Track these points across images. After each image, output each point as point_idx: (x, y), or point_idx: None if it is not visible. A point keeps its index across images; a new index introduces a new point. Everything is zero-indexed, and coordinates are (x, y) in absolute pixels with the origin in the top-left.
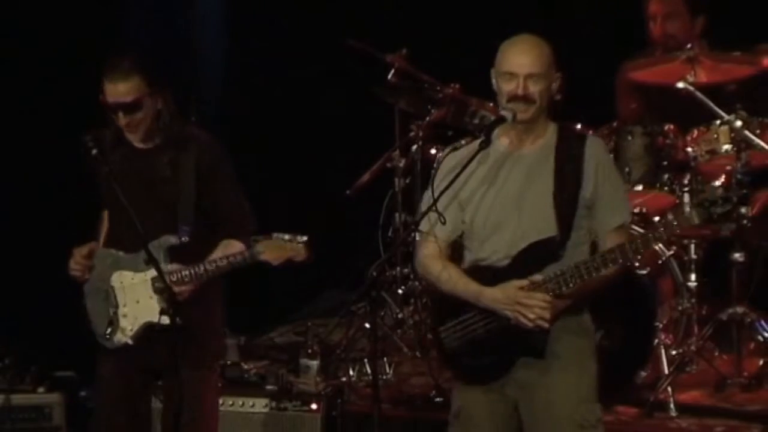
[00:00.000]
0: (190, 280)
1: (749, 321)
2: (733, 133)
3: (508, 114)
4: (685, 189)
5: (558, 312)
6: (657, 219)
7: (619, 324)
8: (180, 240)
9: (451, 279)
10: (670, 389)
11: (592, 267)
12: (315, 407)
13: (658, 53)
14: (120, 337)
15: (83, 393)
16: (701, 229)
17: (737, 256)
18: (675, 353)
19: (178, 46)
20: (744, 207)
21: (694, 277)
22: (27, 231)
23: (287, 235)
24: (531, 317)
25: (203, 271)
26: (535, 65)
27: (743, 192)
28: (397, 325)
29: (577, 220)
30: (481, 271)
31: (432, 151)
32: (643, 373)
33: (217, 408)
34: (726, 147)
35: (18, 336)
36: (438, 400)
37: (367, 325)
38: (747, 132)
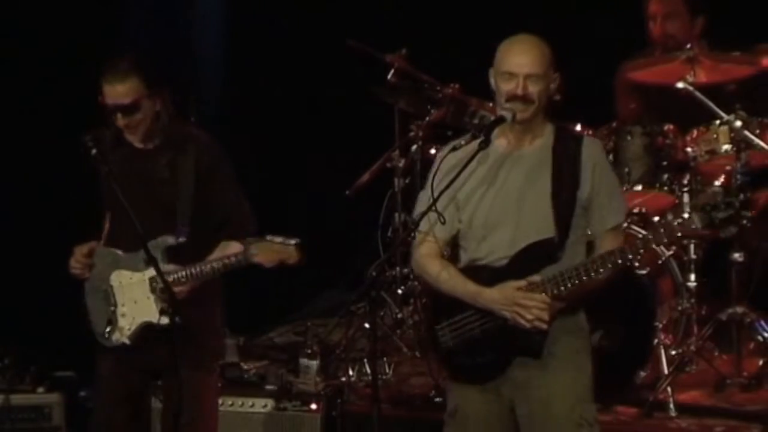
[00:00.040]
0: (186, 280)
1: (749, 321)
2: (733, 133)
3: (507, 114)
4: (685, 189)
5: (556, 313)
6: (656, 219)
7: (619, 324)
8: (177, 240)
9: (451, 279)
10: (669, 389)
11: (591, 269)
12: (315, 407)
13: (657, 53)
14: (118, 336)
15: (83, 393)
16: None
17: (737, 256)
18: (675, 353)
19: (177, 46)
20: (746, 212)
21: (693, 277)
22: (27, 231)
23: (279, 238)
24: (529, 318)
25: (198, 272)
26: (535, 65)
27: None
28: (397, 325)
29: (575, 220)
30: (478, 271)
31: (432, 151)
32: (643, 373)
33: (217, 408)
34: (725, 147)
35: (18, 336)
36: (437, 400)
37: (367, 325)
38: (747, 132)
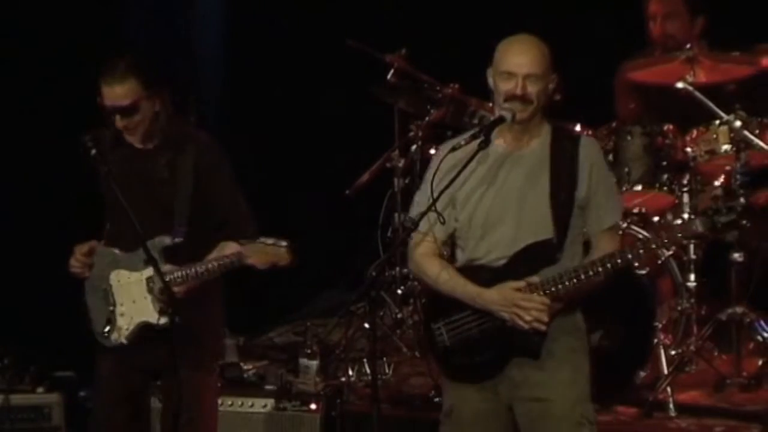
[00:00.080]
0: (182, 281)
1: (748, 321)
2: (733, 133)
3: (507, 114)
4: (685, 189)
5: (554, 314)
6: (656, 219)
7: (619, 324)
8: (174, 241)
9: (451, 280)
10: (669, 389)
11: (590, 270)
12: (314, 407)
13: (657, 53)
14: (117, 336)
15: (82, 393)
16: None
17: (736, 256)
18: (674, 353)
19: (177, 46)
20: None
21: (693, 277)
22: (27, 231)
23: (270, 240)
24: (528, 320)
25: (195, 273)
26: (534, 65)
27: (746, 200)
28: (397, 325)
29: (573, 220)
30: (476, 271)
31: (431, 151)
32: (643, 373)
33: (216, 408)
34: (725, 147)
35: (18, 336)
36: (437, 400)
37: (367, 325)
38: (746, 132)
